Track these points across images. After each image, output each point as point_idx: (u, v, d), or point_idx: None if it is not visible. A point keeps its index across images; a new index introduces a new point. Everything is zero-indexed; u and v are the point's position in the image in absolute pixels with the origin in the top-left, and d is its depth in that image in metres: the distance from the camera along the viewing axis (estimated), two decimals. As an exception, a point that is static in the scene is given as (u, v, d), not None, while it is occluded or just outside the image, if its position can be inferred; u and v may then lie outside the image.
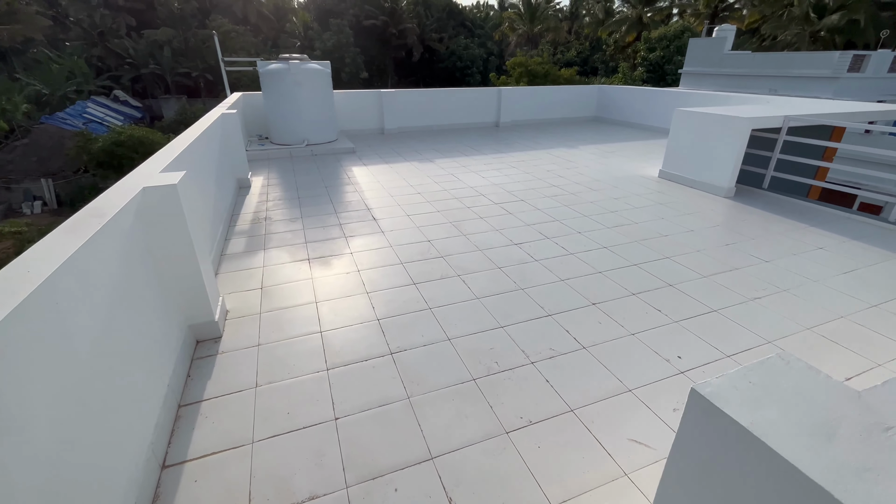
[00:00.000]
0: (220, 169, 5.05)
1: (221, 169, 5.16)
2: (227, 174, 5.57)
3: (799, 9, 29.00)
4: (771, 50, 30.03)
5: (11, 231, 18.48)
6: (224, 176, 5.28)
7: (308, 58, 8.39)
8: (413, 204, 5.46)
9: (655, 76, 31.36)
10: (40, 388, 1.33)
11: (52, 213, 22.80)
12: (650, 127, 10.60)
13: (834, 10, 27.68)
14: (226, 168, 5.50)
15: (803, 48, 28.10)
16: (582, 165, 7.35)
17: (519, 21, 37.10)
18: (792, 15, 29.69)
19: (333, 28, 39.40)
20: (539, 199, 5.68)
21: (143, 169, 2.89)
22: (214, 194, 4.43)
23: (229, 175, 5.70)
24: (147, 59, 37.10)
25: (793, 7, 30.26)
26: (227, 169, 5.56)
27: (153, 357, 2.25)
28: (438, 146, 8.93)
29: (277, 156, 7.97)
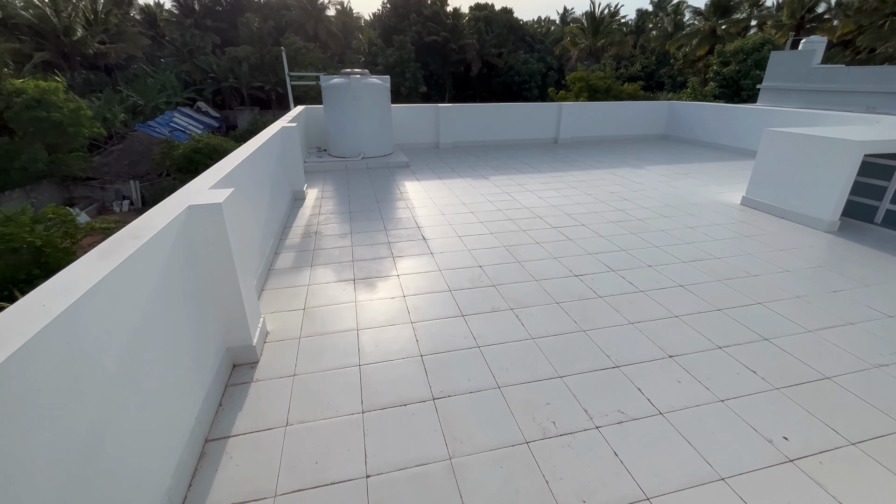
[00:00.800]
0: (275, 182, 5.06)
1: (277, 182, 5.17)
2: (283, 186, 5.59)
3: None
4: (868, 63, 27.08)
5: (102, 227, 20.45)
6: (280, 188, 5.29)
7: (369, 73, 8.45)
8: (465, 224, 5.18)
9: (729, 91, 29.29)
10: (46, 434, 1.16)
11: (137, 212, 24.97)
12: (727, 147, 9.67)
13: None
14: (282, 181, 5.53)
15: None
16: (650, 188, 6.74)
17: (581, 35, 36.27)
18: (895, 25, 26.71)
19: (396, 44, 40.62)
20: (602, 224, 5.20)
21: (194, 185, 2.82)
22: (268, 208, 4.39)
23: (285, 187, 5.73)
24: (227, 74, 40.12)
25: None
26: (283, 181, 5.58)
27: (184, 386, 2.11)
28: (493, 162, 8.63)
29: (333, 168, 8.04)
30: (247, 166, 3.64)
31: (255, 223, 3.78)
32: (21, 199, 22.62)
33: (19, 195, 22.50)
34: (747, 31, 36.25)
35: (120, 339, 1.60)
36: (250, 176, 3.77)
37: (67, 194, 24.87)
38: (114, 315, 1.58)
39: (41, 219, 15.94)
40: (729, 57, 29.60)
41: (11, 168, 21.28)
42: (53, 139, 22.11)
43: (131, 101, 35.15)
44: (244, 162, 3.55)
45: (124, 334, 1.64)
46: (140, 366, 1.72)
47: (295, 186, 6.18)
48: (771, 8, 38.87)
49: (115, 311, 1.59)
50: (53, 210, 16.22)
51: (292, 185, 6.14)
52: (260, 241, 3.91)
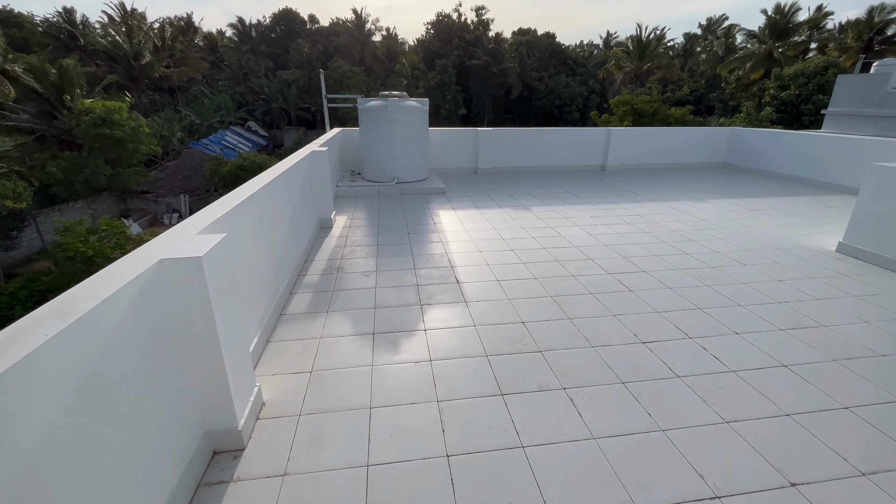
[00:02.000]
0: (298, 211, 4.61)
1: (301, 211, 4.73)
2: (308, 215, 5.15)
3: None
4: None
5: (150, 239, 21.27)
6: (303, 217, 4.84)
7: (408, 95, 8.07)
8: (505, 265, 4.51)
9: (788, 117, 27.38)
10: None
11: (184, 225, 25.87)
12: (801, 179, 8.55)
13: None
14: (306, 209, 5.09)
15: None
16: (718, 226, 5.84)
17: (627, 59, 35.30)
18: (981, 47, 24.20)
19: (438, 68, 41.11)
20: (667, 271, 4.39)
21: (182, 227, 2.33)
22: (284, 243, 3.91)
23: (310, 215, 5.29)
24: (277, 96, 41.81)
25: (982, 38, 24.75)
26: (307, 209, 5.14)
27: (138, 487, 1.55)
28: (535, 190, 7.95)
29: (366, 193, 7.61)
30: (258, 200, 3.16)
31: (264, 265, 3.27)
32: (83, 209, 23.94)
33: (82, 206, 23.82)
34: (806, 54, 34.13)
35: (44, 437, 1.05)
36: (262, 211, 3.29)
37: (124, 206, 26.16)
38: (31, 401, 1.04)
39: (96, 229, 16.61)
40: (788, 81, 27.77)
41: (76, 181, 22.58)
42: (114, 154, 23.35)
43: (189, 120, 37.14)
44: (254, 196, 3.07)
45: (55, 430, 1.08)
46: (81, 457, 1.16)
47: (322, 214, 5.74)
48: (833, 30, 36.59)
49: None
50: (107, 221, 16.87)
51: (319, 212, 5.70)
52: (271, 283, 3.40)
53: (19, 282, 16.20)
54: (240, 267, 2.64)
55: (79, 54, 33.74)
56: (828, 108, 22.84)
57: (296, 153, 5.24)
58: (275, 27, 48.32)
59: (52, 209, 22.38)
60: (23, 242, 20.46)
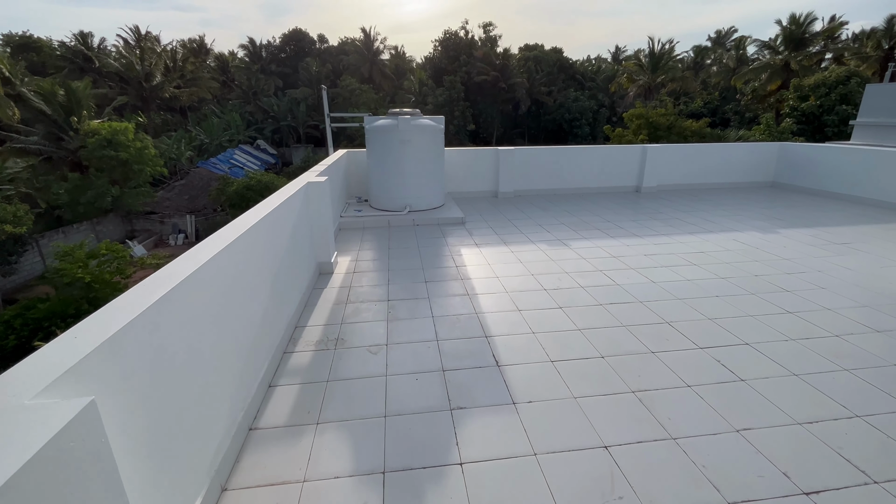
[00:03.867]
0: (288, 262, 3.54)
1: (291, 260, 3.66)
2: (302, 262, 4.08)
3: None
4: (982, 96, 23.13)
5: (153, 262, 20.44)
6: (294, 268, 3.77)
7: (420, 112, 7.05)
8: (556, 334, 3.37)
9: (809, 128, 26.12)
10: None
11: (190, 245, 25.13)
12: (871, 201, 7.31)
13: None
14: (300, 254, 4.02)
15: None
16: (809, 267, 4.66)
17: (639, 72, 34.35)
18: None
19: (446, 84, 40.52)
20: (777, 344, 3.21)
21: (59, 343, 1.25)
22: (263, 315, 2.82)
23: (305, 262, 4.22)
24: (286, 114, 41.49)
25: None
26: (301, 255, 4.07)
27: None
28: (568, 218, 6.83)
29: (374, 224, 6.55)
30: (218, 266, 2.09)
31: (225, 358, 2.17)
32: (87, 231, 23.27)
33: (87, 228, 23.16)
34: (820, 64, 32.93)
35: None
36: (226, 281, 2.21)
37: (129, 227, 25.48)
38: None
39: (96, 254, 15.75)
40: (808, 91, 26.56)
41: (81, 202, 21.97)
42: (119, 176, 22.76)
43: (199, 140, 36.79)
44: (208, 264, 2.00)
45: None
46: None
47: (321, 257, 4.67)
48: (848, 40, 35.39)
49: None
50: (108, 245, 16.02)
51: (317, 255, 4.63)
52: (236, 381, 2.30)
53: (15, 309, 15.27)
54: (157, 405, 1.53)
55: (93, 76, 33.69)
56: (856, 118, 21.60)
57: (287, 186, 4.19)
58: (284, 47, 48.36)
59: (57, 232, 21.73)
60: (24, 266, 19.74)
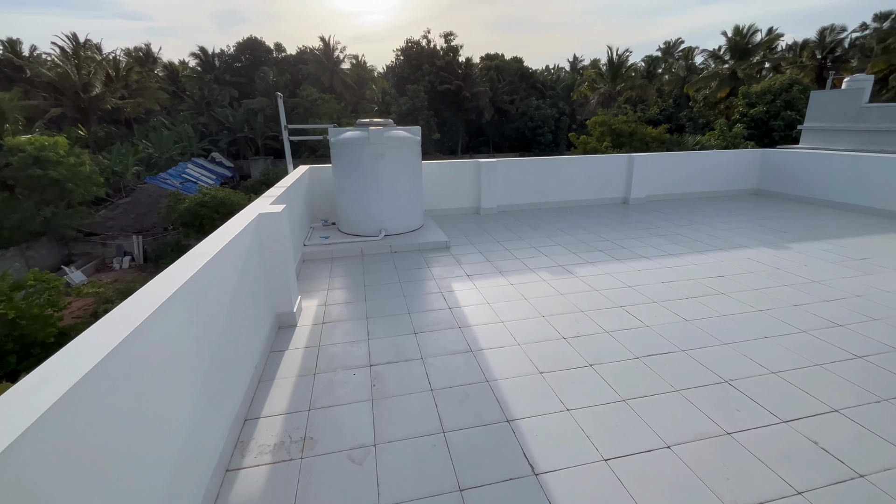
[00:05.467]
0: (232, 326, 2.54)
1: (238, 321, 2.66)
2: (253, 320, 3.08)
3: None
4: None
5: (93, 291, 18.25)
6: (242, 332, 2.77)
7: (393, 122, 6.17)
8: (596, 406, 2.56)
9: (758, 133, 27.22)
10: None
11: (137, 269, 22.84)
12: (862, 208, 7.06)
13: None
14: (251, 310, 3.02)
15: (958, 98, 22.78)
16: (841, 288, 4.12)
17: (600, 80, 34.95)
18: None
19: (409, 93, 39.75)
20: (842, 392, 2.54)
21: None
22: (190, 419, 1.83)
23: (259, 317, 3.21)
24: (243, 125, 39.36)
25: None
26: (253, 310, 3.07)
27: None
28: (562, 238, 6.12)
29: (344, 253, 5.57)
30: (114, 373, 1.12)
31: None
32: (16, 257, 20.62)
33: (14, 254, 20.50)
34: (761, 73, 34.69)
35: None
36: (125, 390, 1.24)
37: (66, 251, 22.85)
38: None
39: (22, 285, 13.67)
40: (755, 98, 27.73)
41: (4, 227, 19.42)
42: (52, 196, 20.37)
43: (146, 153, 34.12)
44: (95, 376, 1.03)
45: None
46: None
47: (280, 307, 3.66)
48: (783, 51, 37.51)
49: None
50: (36, 275, 13.93)
51: (275, 305, 3.63)
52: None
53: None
54: None
55: (23, 87, 30.50)
56: (804, 123, 22.56)
57: (233, 221, 3.19)
58: (239, 56, 46.06)
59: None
60: (-63, 302, 17.08)
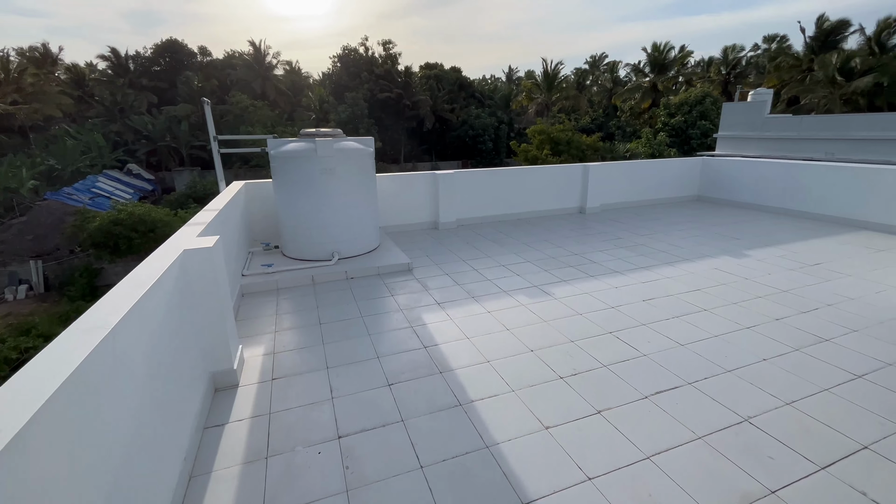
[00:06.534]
0: (148, 407, 1.82)
1: (157, 395, 1.94)
2: (180, 391, 2.33)
3: (823, 73, 27.55)
4: (797, 113, 28.13)
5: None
6: (164, 413, 2.04)
7: (343, 132, 5.52)
8: (618, 470, 2.15)
9: (679, 140, 29.50)
10: None
11: (36, 299, 19.66)
12: (798, 213, 7.46)
13: (862, 73, 26.12)
14: (174, 376, 2.28)
15: (836, 110, 26.20)
16: (810, 297, 4.13)
17: (536, 90, 36.14)
18: (815, 79, 28.23)
19: (348, 101, 38.58)
20: (860, 423, 2.37)
21: None
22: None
23: (188, 385, 2.46)
24: (164, 133, 35.93)
25: (814, 72, 28.94)
26: (177, 375, 2.33)
27: None
28: (530, 253, 5.80)
29: (292, 282, 4.81)
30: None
31: None
32: None
33: None
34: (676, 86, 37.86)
35: None
36: None
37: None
38: None
39: None
40: (674, 109, 30.04)
41: None
42: (-83, 219, 16.95)
43: (47, 166, 29.93)
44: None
45: None
46: None
47: (216, 363, 2.91)
48: (694, 66, 41.24)
49: None
50: None
51: (209, 361, 2.87)
52: None
53: None
54: None
55: None
56: (718, 132, 24.70)
57: (147, 265, 2.43)
58: (158, 59, 42.15)
59: None
60: None
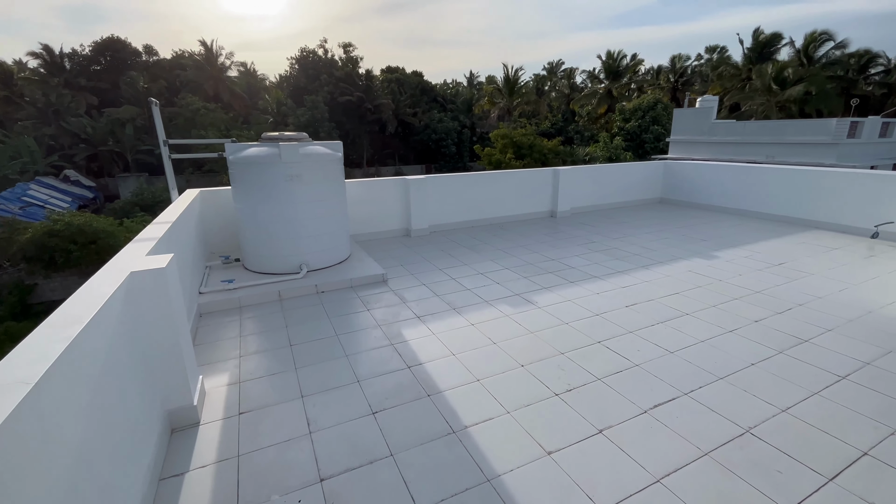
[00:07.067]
0: (87, 465, 1.48)
1: (94, 464, 1.59)
2: (127, 438, 1.97)
3: (760, 82, 29.60)
4: (739, 118, 30.06)
5: None
6: (107, 469, 1.69)
7: (308, 136, 5.16)
8: (632, 496, 2.01)
9: (634, 144, 30.74)
10: None
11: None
12: (753, 213, 7.77)
13: (794, 82, 28.30)
14: (123, 421, 1.92)
15: (773, 117, 28.20)
16: (782, 298, 4.22)
17: (498, 95, 36.59)
18: (754, 87, 30.28)
19: (308, 104, 37.48)
20: (861, 431, 2.38)
21: None
22: None
23: (138, 429, 2.09)
24: (106, 138, 33.44)
25: (752, 80, 31.05)
26: (126, 423, 1.96)
27: None
28: (507, 260, 5.67)
29: (256, 299, 4.41)
30: None
31: None
32: None
33: None
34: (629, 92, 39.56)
35: None
36: None
37: None
38: None
39: None
40: (629, 114, 31.28)
41: None
42: None
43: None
44: None
45: None
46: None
47: (172, 400, 2.52)
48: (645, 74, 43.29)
49: None
50: None
51: (165, 398, 2.49)
52: None
53: None
54: None
55: None
56: (670, 136, 25.92)
57: (83, 291, 2.04)
58: (98, 58, 39.19)
59: None
60: None
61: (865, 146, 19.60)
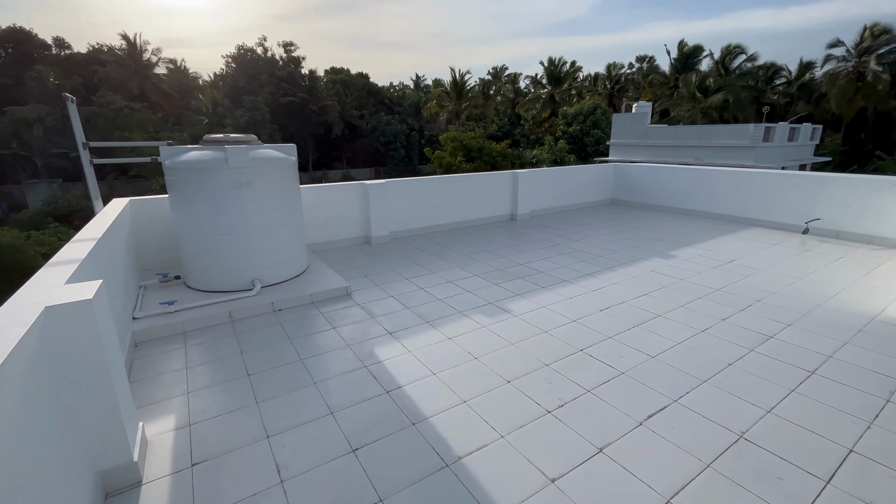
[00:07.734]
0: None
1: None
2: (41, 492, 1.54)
3: (686, 90, 32.01)
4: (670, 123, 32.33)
5: None
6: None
7: (257, 138, 4.69)
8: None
9: (577, 147, 32.05)
10: None
11: None
12: (699, 213, 8.21)
13: (714, 91, 30.88)
14: (40, 495, 1.49)
15: (698, 122, 30.63)
16: (741, 295, 4.41)
17: (447, 98, 36.69)
18: (681, 94, 32.68)
19: (248, 105, 35.44)
20: (871, 441, 2.46)
21: None
22: None
23: (56, 497, 1.66)
24: (9, 139, 29.54)
25: (679, 88, 33.50)
26: (43, 495, 1.53)
27: None
28: (475, 266, 5.51)
29: (203, 322, 3.89)
30: None
31: None
32: None
33: None
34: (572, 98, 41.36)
35: None
36: None
37: None
38: None
39: None
40: (571, 119, 32.60)
41: None
42: None
43: None
44: None
45: None
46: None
47: (107, 459, 2.06)
48: (583, 80, 45.45)
49: None
50: None
51: (96, 456, 2.03)
52: None
53: None
54: None
55: None
56: (610, 139, 27.28)
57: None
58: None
59: None
60: None
61: (777, 149, 21.75)
